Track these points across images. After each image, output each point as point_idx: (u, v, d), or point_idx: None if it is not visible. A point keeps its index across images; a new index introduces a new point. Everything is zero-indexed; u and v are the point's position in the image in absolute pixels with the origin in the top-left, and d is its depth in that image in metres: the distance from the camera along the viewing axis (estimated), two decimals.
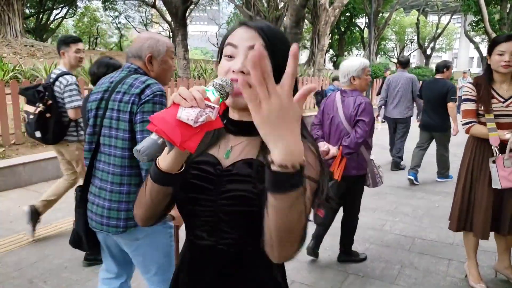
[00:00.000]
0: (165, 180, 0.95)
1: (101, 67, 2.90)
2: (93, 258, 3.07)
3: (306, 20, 24.61)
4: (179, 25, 9.36)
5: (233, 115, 1.02)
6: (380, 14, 30.33)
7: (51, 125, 3.32)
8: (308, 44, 25.05)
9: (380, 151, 7.07)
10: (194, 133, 0.83)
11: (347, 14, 30.12)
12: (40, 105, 3.24)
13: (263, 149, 0.93)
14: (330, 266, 3.20)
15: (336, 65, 26.13)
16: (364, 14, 28.80)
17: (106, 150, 1.80)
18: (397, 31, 39.94)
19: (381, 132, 7.68)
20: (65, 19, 32.70)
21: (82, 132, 3.46)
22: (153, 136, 0.83)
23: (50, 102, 3.28)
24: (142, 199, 1.02)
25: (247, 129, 0.98)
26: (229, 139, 1.02)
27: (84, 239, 1.92)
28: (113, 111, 1.76)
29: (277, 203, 0.76)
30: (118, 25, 34.14)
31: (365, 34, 32.04)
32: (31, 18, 28.42)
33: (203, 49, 55.77)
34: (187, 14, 26.12)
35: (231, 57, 0.95)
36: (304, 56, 31.44)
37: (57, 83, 3.34)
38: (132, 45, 1.93)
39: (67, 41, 3.45)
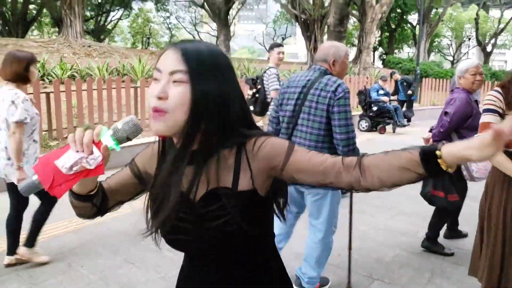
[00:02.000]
0: (80, 199, 1.01)
1: None
2: None
3: (354, 18, 24.11)
4: (222, 25, 9.55)
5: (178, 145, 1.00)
6: (434, 10, 29.00)
7: (259, 102, 4.93)
8: (356, 41, 24.50)
9: None
10: (67, 180, 0.86)
11: (398, 10, 29.10)
12: (254, 89, 4.99)
13: (217, 172, 0.96)
14: (355, 270, 3.17)
15: (385, 63, 25.35)
16: (416, 11, 27.70)
17: (303, 129, 2.53)
18: (454, 27, 37.93)
19: None
20: (120, 20, 34.30)
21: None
22: (33, 176, 0.87)
23: (259, 86, 4.94)
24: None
25: (191, 158, 0.96)
26: (186, 172, 0.98)
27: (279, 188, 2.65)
28: (312, 102, 2.48)
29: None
30: (169, 25, 35.28)
31: (417, 31, 30.84)
32: (91, 20, 30.07)
33: (250, 48, 56.18)
34: (234, 13, 26.52)
35: (157, 80, 0.93)
36: (351, 54, 30.81)
37: (265, 74, 4.98)
38: (318, 52, 2.67)
39: (272, 46, 5.19)
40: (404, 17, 30.60)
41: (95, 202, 1.04)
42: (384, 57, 29.28)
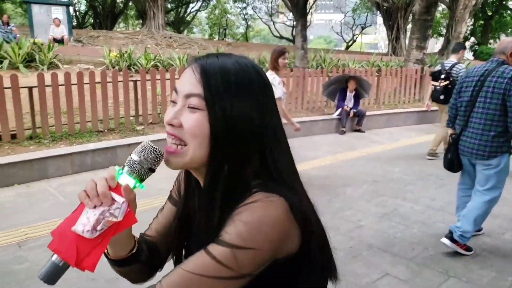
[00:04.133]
0: (124, 264, 0.85)
1: None
2: None
3: (443, 5, 22.57)
4: (299, 15, 9.50)
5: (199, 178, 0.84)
6: None
7: (449, 93, 5.26)
8: (444, 31, 22.95)
9: None
10: (94, 246, 0.70)
11: None
12: (443, 81, 5.91)
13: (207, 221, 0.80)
14: (429, 265, 3.09)
15: (476, 55, 23.45)
16: None
17: (479, 110, 3.07)
18: None
19: None
20: (198, 12, 35.60)
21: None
22: (54, 257, 0.72)
23: (451, 79, 5.81)
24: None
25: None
26: None
27: (456, 162, 3.31)
28: (489, 88, 3.01)
29: None
30: (245, 16, 35.83)
31: None
32: (171, 12, 31.58)
33: (327, 38, 55.16)
34: (312, 2, 26.17)
35: (174, 103, 0.79)
36: (438, 44, 28.95)
37: (454, 69, 5.84)
38: (498, 46, 3.17)
39: (460, 47, 6.21)
40: (504, 2, 27.90)
41: (142, 259, 0.87)
42: (476, 48, 27.08)
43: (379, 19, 31.49)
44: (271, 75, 4.20)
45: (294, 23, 27.12)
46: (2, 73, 6.77)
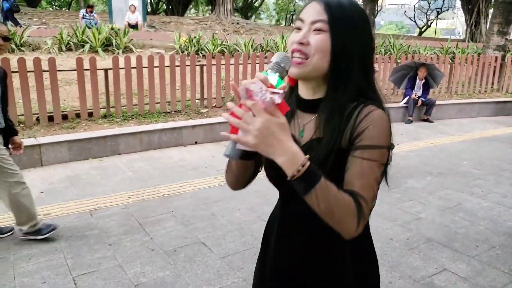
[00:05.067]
0: (249, 156, 0.95)
1: None
2: None
3: None
4: (368, 0, 9.15)
5: (301, 92, 1.06)
6: None
7: None
8: None
9: None
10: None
11: None
12: None
13: (326, 124, 0.99)
14: (494, 265, 2.90)
15: None
16: None
17: None
18: None
19: None
20: None
21: None
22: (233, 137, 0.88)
23: None
24: (229, 169, 1.11)
25: (314, 106, 1.03)
26: (300, 116, 1.06)
27: None
28: None
29: (308, 202, 0.87)
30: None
31: None
32: None
33: (399, 23, 52.47)
34: None
35: (299, 29, 0.99)
36: None
37: None
38: None
39: None
40: None
41: (257, 158, 0.99)
42: None
43: (458, 3, 29.27)
44: None
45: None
46: (83, 56, 7.32)
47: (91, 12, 13.59)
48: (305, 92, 1.05)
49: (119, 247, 3.03)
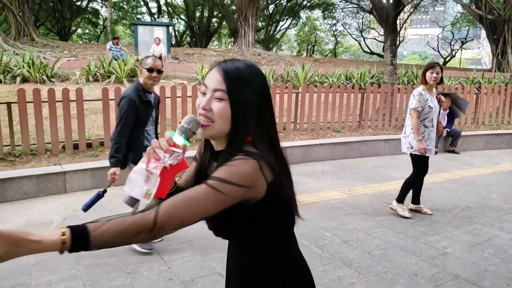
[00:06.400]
0: (167, 196, 1.14)
1: None
2: None
3: None
4: (389, 30, 9.19)
5: (212, 143, 1.21)
6: None
7: None
8: None
9: None
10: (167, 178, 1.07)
11: None
12: None
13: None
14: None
15: None
16: None
17: None
18: None
19: None
20: (288, 29, 36.24)
21: None
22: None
23: None
24: None
25: (218, 156, 1.17)
26: (212, 165, 1.22)
27: None
28: None
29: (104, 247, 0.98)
30: (335, 33, 35.60)
31: None
32: (261, 30, 32.62)
33: (422, 54, 52.39)
34: (405, 17, 25.18)
35: (204, 94, 1.13)
36: None
37: None
38: None
39: None
40: None
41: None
42: None
43: (483, 33, 29.11)
44: (417, 90, 4.26)
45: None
46: (109, 86, 7.57)
47: (117, 43, 14.13)
48: (213, 144, 1.20)
49: (137, 276, 3.00)
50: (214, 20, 32.07)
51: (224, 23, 31.55)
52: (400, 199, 4.36)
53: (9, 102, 5.35)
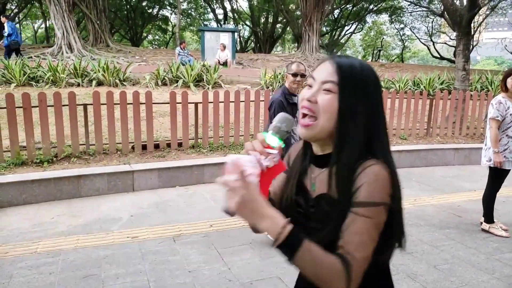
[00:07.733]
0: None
1: None
2: None
3: None
4: (462, 34, 8.66)
5: (313, 147, 1.10)
6: None
7: None
8: None
9: None
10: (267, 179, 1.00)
11: None
12: None
13: (330, 181, 1.02)
14: None
15: None
16: None
17: None
18: None
19: None
20: (353, 34, 35.50)
21: None
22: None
23: None
24: None
25: (324, 161, 1.06)
26: (312, 170, 1.11)
27: None
28: None
29: (295, 266, 0.91)
30: (402, 37, 34.28)
31: None
32: (326, 35, 32.28)
33: (498, 58, 48.77)
34: (480, 20, 23.60)
35: (310, 86, 1.04)
36: None
37: None
38: None
39: None
40: None
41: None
42: None
43: None
44: (496, 98, 4.03)
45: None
46: (176, 90, 7.91)
47: (184, 48, 14.69)
48: (315, 148, 1.10)
49: (198, 275, 3.10)
50: (278, 25, 32.34)
51: (288, 28, 31.68)
52: (489, 219, 4.07)
53: (85, 104, 5.76)
